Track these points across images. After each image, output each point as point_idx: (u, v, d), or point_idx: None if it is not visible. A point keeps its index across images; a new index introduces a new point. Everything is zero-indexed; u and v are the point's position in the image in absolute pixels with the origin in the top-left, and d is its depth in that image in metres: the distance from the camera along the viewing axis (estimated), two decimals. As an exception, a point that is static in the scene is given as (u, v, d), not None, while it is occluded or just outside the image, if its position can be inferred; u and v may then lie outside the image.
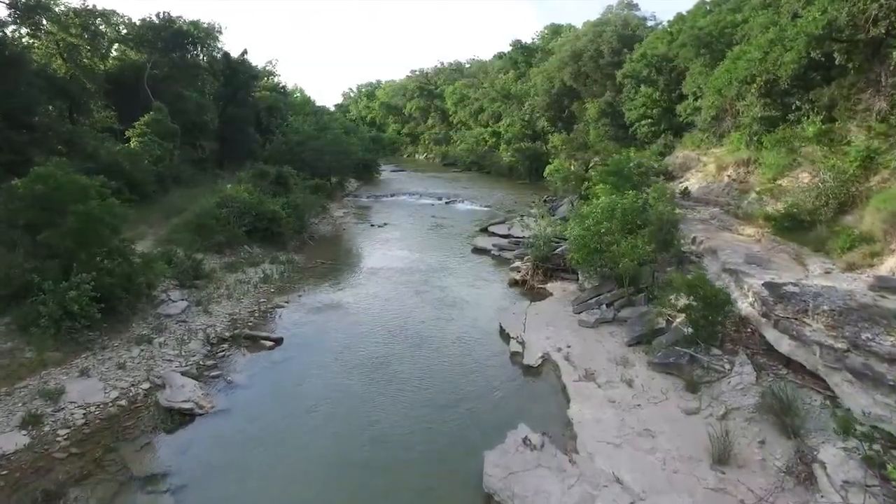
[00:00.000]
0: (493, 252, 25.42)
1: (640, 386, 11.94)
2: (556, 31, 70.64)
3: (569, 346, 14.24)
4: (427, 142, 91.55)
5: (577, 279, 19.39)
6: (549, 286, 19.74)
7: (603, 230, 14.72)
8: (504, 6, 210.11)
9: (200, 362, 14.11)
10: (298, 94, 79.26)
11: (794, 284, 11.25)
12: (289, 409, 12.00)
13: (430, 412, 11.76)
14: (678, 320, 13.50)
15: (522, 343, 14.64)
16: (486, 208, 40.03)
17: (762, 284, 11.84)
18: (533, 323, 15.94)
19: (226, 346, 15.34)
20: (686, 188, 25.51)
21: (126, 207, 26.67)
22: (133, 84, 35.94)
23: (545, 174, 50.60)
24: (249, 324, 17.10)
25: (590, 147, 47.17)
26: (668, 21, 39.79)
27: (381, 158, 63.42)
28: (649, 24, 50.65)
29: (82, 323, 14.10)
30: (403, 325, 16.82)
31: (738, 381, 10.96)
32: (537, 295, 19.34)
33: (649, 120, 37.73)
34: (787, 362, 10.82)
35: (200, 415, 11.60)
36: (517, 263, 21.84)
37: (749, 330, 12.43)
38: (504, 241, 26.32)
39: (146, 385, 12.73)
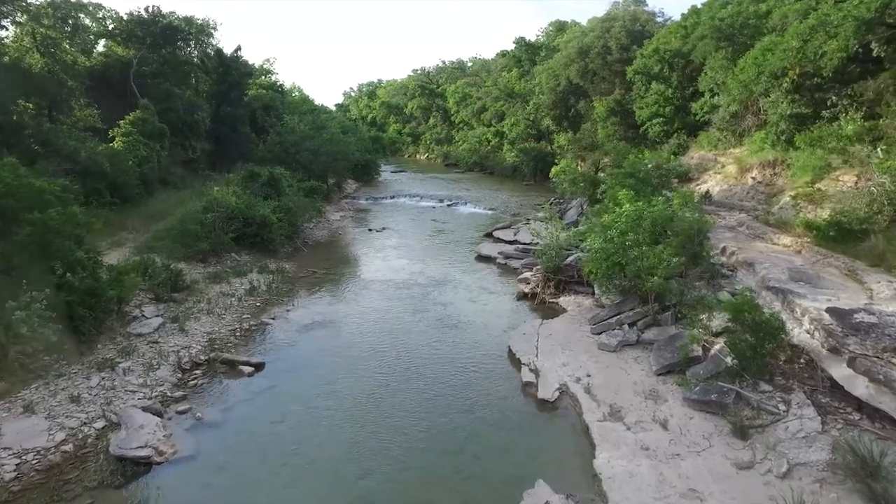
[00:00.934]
0: (498, 260, 23.61)
1: (677, 428, 10.14)
2: (560, 27, 68.74)
3: (589, 376, 12.44)
4: (428, 142, 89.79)
5: (593, 293, 17.60)
6: (562, 300, 17.93)
7: (628, 242, 12.91)
8: (506, 5, 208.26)
9: (168, 393, 12.34)
10: (297, 93, 77.59)
11: (870, 312, 9.43)
12: (264, 455, 10.22)
13: (429, 461, 9.96)
14: (716, 347, 11.69)
15: (535, 371, 12.83)
16: (489, 211, 38.25)
17: (826, 311, 10.01)
18: (546, 346, 14.14)
19: (199, 372, 13.57)
20: (707, 191, 23.67)
21: (105, 211, 25.50)
22: (119, 81, 34.24)
23: (551, 175, 48.66)
24: (229, 344, 15.33)
25: (598, 147, 45.47)
26: (682, 14, 37.92)
27: (382, 159, 61.64)
28: (658, 19, 48.82)
29: (34, 347, 12.38)
30: (400, 349, 15.00)
31: (797, 426, 9.16)
32: (549, 311, 17.54)
33: (661, 118, 35.87)
34: (860, 405, 9.02)
35: (159, 463, 9.83)
36: (526, 274, 20.03)
37: (803, 361, 10.63)
38: (510, 249, 24.50)
39: (100, 423, 10.96)
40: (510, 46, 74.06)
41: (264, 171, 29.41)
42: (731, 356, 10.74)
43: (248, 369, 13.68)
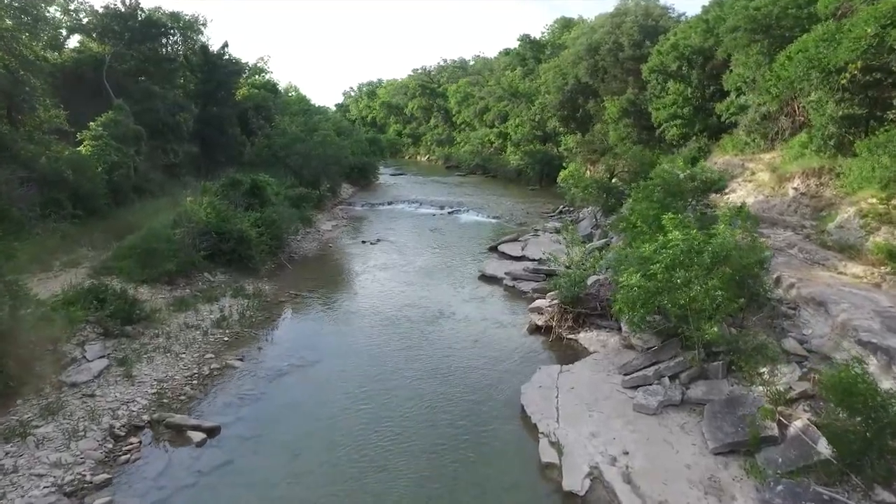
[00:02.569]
0: (505, 282, 20.85)
1: (758, 548, 7.42)
2: (566, 24, 65.96)
3: (626, 453, 9.72)
4: (429, 143, 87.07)
5: (619, 329, 14.89)
6: (583, 337, 15.20)
7: (679, 280, 10.16)
8: (508, 5, 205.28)
9: (87, 476, 9.63)
10: (293, 93, 74.95)
11: None
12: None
13: None
14: (798, 424, 8.97)
15: (558, 445, 10.12)
16: (493, 220, 35.52)
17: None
18: (569, 405, 11.42)
19: (137, 440, 10.88)
20: (744, 205, 20.84)
21: (65, 225, 22.83)
22: (93, 80, 31.61)
23: (559, 180, 46.07)
24: (182, 397, 12.65)
25: (609, 149, 42.73)
26: (703, 7, 35.05)
27: (381, 161, 58.96)
28: (671, 14, 46.02)
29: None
30: (387, 408, 12.22)
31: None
32: (568, 350, 14.83)
33: (680, 120, 33.09)
34: None
35: None
36: (538, 302, 17.30)
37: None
38: (519, 268, 21.73)
39: (-15, 530, 8.33)
40: (513, 45, 71.43)
41: (246, 179, 26.74)
42: (825, 443, 8.01)
43: (198, 436, 10.98)
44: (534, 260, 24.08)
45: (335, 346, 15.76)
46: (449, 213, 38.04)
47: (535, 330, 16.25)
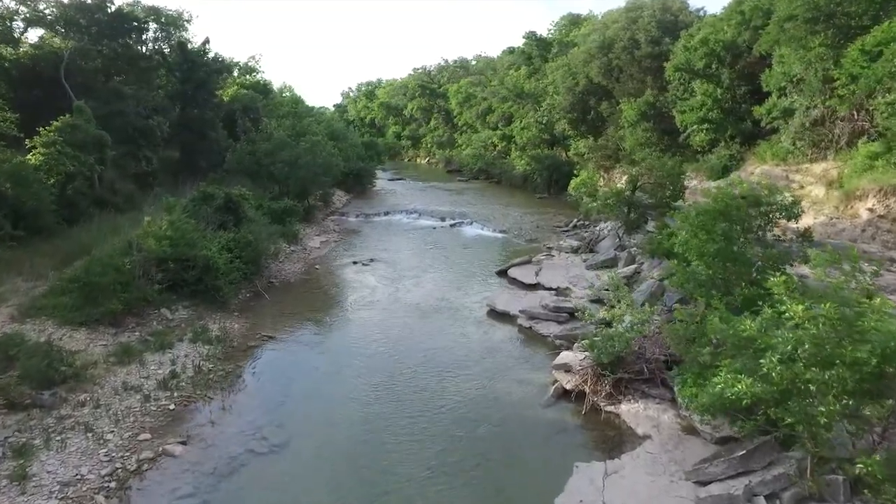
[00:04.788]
0: (520, 321, 17.43)
1: None
2: (573, 21, 62.58)
3: None
4: (429, 145, 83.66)
5: (672, 398, 11.55)
6: (626, 410, 11.81)
7: (809, 380, 6.71)
8: (511, 4, 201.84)
9: None
10: (288, 93, 71.56)
11: None
12: None
13: None
14: None
15: None
16: (500, 234, 32.12)
17: None
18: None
19: None
20: (809, 229, 17.38)
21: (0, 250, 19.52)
22: (53, 79, 28.25)
23: (570, 189, 42.56)
24: (92, 510, 9.30)
25: (624, 156, 39.34)
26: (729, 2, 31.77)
27: (378, 166, 55.50)
28: (690, 9, 42.65)
29: None
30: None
31: None
32: (608, 428, 11.46)
33: (709, 124, 29.74)
34: None
35: None
36: (565, 355, 13.92)
37: None
38: (535, 302, 18.30)
39: None
40: (514, 44, 68.09)
41: (219, 193, 23.34)
42: None
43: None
44: (551, 289, 20.74)
45: (309, 419, 12.39)
46: (451, 225, 34.67)
47: (563, 394, 12.87)
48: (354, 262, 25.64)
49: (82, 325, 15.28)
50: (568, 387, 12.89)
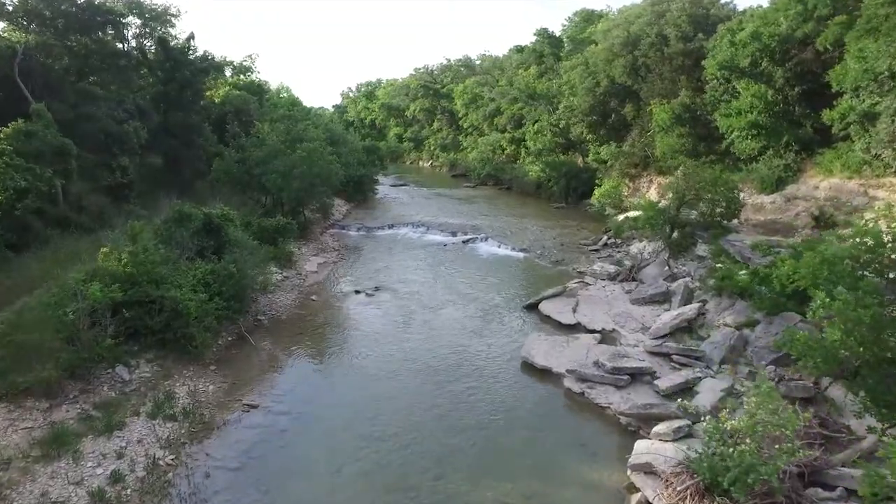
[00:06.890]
0: (567, 383, 13.80)
1: None
2: (587, 18, 58.97)
3: None
4: (433, 148, 79.98)
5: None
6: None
7: None
8: (514, 4, 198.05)
9: None
10: (285, 94, 67.93)
11: None
12: None
13: None
14: None
15: None
16: (521, 253, 28.48)
17: None
18: None
19: None
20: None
21: None
22: (11, 79, 24.65)
23: (593, 199, 39.17)
24: None
25: (654, 163, 35.81)
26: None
27: (380, 172, 51.93)
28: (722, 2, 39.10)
29: None
30: None
31: None
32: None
33: (759, 130, 26.18)
34: None
35: None
36: (642, 446, 10.32)
37: None
38: (584, 358, 14.61)
39: None
40: (521, 42, 64.43)
41: (197, 213, 19.73)
42: None
43: None
44: (594, 331, 17.19)
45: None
46: (463, 242, 31.06)
47: (649, 511, 9.31)
48: (357, 292, 22.05)
49: (2, 400, 11.72)
50: (651, 499, 9.32)
